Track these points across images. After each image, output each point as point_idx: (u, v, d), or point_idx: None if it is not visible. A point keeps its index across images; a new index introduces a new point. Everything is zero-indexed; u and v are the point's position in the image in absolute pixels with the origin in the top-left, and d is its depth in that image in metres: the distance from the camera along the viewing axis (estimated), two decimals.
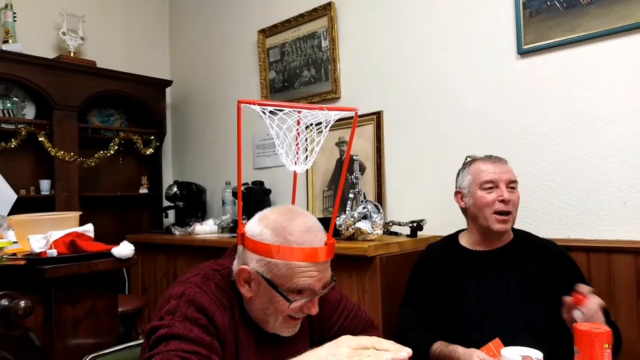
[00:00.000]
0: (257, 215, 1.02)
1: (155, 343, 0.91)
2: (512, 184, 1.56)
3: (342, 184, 1.06)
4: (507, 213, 1.53)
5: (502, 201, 1.52)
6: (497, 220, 1.53)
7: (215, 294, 0.99)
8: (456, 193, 1.68)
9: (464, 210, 1.66)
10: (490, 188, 1.54)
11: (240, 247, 1.01)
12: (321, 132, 1.01)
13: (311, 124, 1.01)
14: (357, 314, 1.23)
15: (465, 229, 1.70)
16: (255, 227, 0.98)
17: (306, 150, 1.02)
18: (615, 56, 1.84)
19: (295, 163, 1.01)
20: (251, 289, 0.99)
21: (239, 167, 0.97)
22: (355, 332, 1.17)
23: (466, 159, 1.71)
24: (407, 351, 0.79)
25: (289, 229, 0.95)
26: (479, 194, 1.56)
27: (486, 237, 1.59)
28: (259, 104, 0.95)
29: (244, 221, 1.03)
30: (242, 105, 0.92)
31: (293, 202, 1.11)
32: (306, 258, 0.94)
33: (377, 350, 0.79)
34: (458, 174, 1.70)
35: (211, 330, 0.94)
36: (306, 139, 1.04)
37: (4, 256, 1.58)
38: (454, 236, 1.72)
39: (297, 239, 0.94)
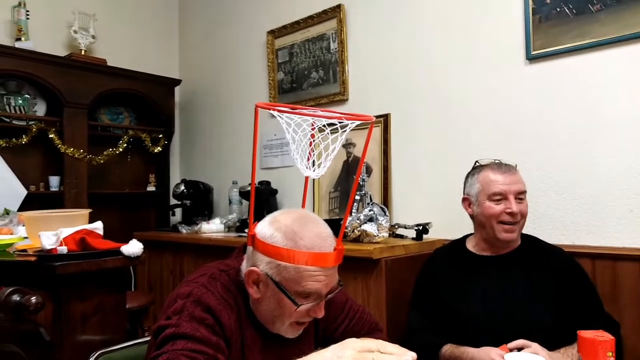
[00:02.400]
0: (268, 218, 1.03)
1: (163, 342, 0.92)
2: (520, 195, 1.56)
3: (354, 190, 1.07)
4: (514, 223, 1.54)
5: (510, 213, 1.52)
6: (504, 229, 1.54)
7: (221, 294, 1.01)
8: (464, 200, 1.68)
9: (472, 217, 1.67)
10: (498, 200, 1.54)
11: (249, 249, 1.03)
12: (335, 137, 1.01)
13: (324, 125, 1.02)
14: (362, 317, 1.24)
15: (473, 233, 1.71)
16: (266, 229, 0.99)
17: (320, 156, 1.03)
18: (624, 63, 1.84)
19: (311, 168, 1.03)
20: (259, 290, 1.01)
21: (254, 170, 1.00)
22: (359, 334, 1.18)
23: (475, 164, 1.71)
24: (412, 355, 0.80)
25: (300, 233, 0.97)
26: (486, 204, 1.56)
27: (493, 244, 1.60)
28: (276, 109, 0.97)
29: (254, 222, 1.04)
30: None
31: (303, 206, 1.13)
32: (315, 262, 0.95)
33: (382, 353, 0.80)
34: (467, 179, 1.69)
35: (217, 330, 0.95)
36: (320, 144, 1.04)
37: (15, 252, 1.61)
38: (461, 240, 1.73)
39: (308, 243, 0.96)
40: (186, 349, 0.89)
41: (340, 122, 0.99)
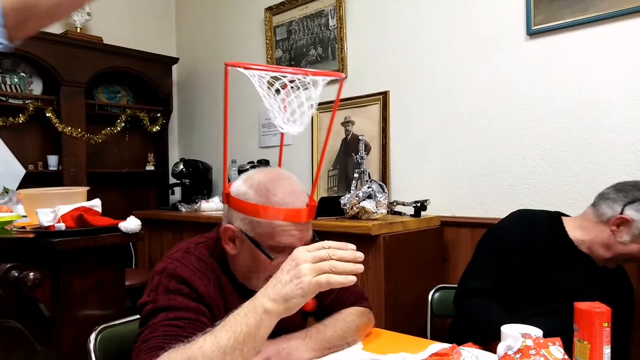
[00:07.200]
0: (243, 176, 1.06)
1: (145, 319, 0.96)
2: None
3: (329, 131, 1.07)
4: None
5: None
6: (623, 262, 1.50)
7: (195, 266, 1.03)
8: (622, 222, 1.41)
9: (605, 231, 1.46)
10: None
11: (225, 207, 1.05)
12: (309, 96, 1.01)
13: (298, 88, 1.02)
14: (349, 287, 1.25)
15: (567, 215, 1.60)
16: (241, 187, 1.02)
17: (295, 112, 1.03)
18: (626, 38, 1.81)
19: (287, 123, 1.03)
20: (235, 246, 1.04)
21: (226, 130, 1.03)
22: (347, 304, 1.22)
23: None
24: (359, 256, 0.81)
25: (272, 190, 0.99)
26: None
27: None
28: (245, 67, 0.96)
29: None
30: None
31: (280, 165, 1.15)
32: (287, 218, 0.97)
33: (335, 260, 0.80)
34: (634, 202, 1.41)
35: (195, 297, 0.98)
36: (293, 102, 1.04)
37: (13, 229, 1.61)
38: (558, 219, 1.57)
39: (280, 200, 0.98)
40: (165, 319, 0.93)
41: (305, 78, 0.99)
